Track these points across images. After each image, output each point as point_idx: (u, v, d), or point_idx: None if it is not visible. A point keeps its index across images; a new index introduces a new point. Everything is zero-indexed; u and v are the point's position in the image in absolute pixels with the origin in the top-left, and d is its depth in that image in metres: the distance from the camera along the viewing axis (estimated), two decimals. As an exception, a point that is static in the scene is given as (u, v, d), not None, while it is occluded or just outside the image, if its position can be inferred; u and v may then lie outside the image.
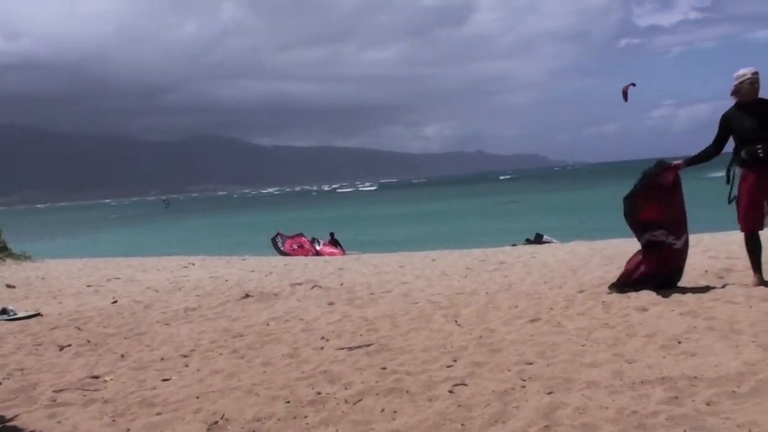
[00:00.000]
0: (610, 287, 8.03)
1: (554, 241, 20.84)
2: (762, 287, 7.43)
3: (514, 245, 19.16)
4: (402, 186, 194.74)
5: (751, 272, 7.80)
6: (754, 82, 7.62)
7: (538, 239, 21.45)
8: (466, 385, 5.04)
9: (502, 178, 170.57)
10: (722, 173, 7.75)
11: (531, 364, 5.40)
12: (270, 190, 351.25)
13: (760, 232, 7.79)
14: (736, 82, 7.69)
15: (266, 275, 12.62)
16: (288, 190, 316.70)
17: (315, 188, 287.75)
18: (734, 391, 4.40)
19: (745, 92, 7.66)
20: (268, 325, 7.94)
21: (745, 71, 7.67)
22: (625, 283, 7.94)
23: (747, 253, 7.82)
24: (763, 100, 7.70)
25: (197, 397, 5.31)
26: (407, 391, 5.01)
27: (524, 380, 5.00)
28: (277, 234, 24.13)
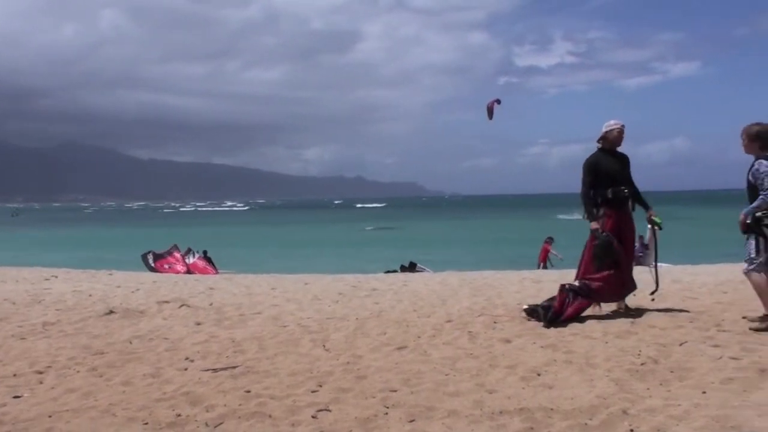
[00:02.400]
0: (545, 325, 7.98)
1: (427, 270, 21.14)
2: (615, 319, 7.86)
3: (388, 272, 19.32)
4: (276, 207, 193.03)
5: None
6: (621, 132, 8.46)
7: (412, 267, 21.72)
8: (329, 410, 5.05)
9: (380, 205, 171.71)
10: (567, 216, 8.26)
11: (395, 391, 5.46)
12: (134, 204, 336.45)
13: None
14: (606, 130, 8.44)
15: (133, 291, 12.22)
16: (155, 205, 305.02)
17: (178, 204, 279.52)
18: (587, 424, 4.59)
19: (614, 140, 8.44)
20: (130, 343, 7.70)
21: (615, 122, 8.48)
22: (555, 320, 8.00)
23: None
24: (620, 151, 8.55)
25: (50, 416, 5.08)
26: (270, 416, 4.97)
27: (387, 408, 5.05)
28: (149, 252, 23.46)
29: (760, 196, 7.16)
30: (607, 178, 8.34)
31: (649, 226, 8.59)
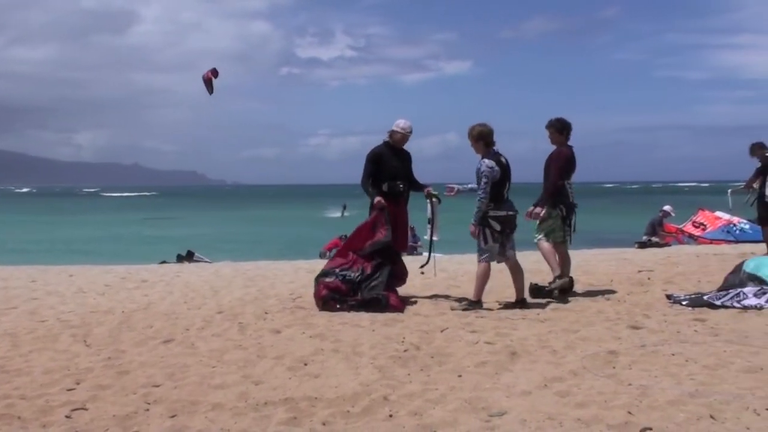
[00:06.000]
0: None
1: (205, 259, 20.71)
2: None
3: (163, 262, 18.70)
4: (25, 195, 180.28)
5: None
6: (405, 138, 8.93)
7: (190, 257, 21.17)
8: (86, 409, 4.80)
9: (131, 194, 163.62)
10: (333, 215, 8.62)
11: (158, 386, 5.30)
12: None
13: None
14: (395, 129, 8.86)
15: None
16: None
17: None
18: (348, 411, 4.68)
19: (396, 141, 8.88)
20: None
21: (405, 125, 8.89)
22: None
23: None
24: (404, 149, 9.02)
25: None
26: (19, 417, 4.65)
27: (149, 404, 4.89)
28: None
29: (477, 197, 8.14)
30: (386, 172, 8.78)
31: (428, 200, 9.07)
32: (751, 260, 8.81)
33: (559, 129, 8.99)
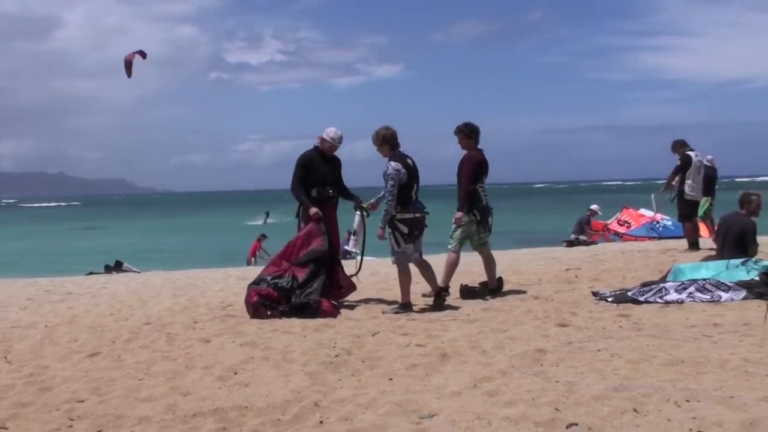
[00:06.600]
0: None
1: (134, 269, 20.31)
2: None
3: (90, 273, 18.27)
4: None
5: None
6: (333, 147, 8.89)
7: (118, 267, 20.72)
8: (6, 428, 4.66)
9: (75, 203, 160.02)
10: (253, 222, 8.58)
11: (83, 401, 5.16)
12: None
13: None
14: (324, 137, 8.82)
15: None
16: None
17: None
18: (279, 419, 4.64)
19: (324, 150, 8.86)
20: None
21: (335, 135, 8.83)
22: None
23: None
24: (335, 155, 9.00)
25: None
26: (-66, 440, 4.48)
27: (72, 420, 4.76)
28: None
29: (385, 201, 8.21)
30: (316, 177, 8.78)
31: (358, 213, 9.13)
32: (673, 271, 9.00)
33: (468, 134, 9.08)
